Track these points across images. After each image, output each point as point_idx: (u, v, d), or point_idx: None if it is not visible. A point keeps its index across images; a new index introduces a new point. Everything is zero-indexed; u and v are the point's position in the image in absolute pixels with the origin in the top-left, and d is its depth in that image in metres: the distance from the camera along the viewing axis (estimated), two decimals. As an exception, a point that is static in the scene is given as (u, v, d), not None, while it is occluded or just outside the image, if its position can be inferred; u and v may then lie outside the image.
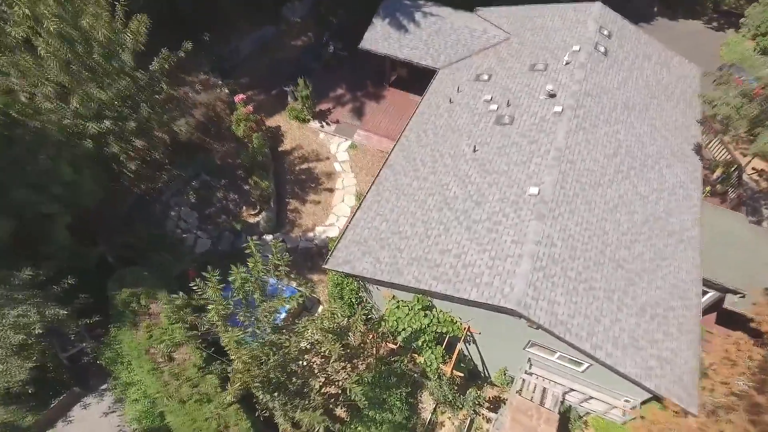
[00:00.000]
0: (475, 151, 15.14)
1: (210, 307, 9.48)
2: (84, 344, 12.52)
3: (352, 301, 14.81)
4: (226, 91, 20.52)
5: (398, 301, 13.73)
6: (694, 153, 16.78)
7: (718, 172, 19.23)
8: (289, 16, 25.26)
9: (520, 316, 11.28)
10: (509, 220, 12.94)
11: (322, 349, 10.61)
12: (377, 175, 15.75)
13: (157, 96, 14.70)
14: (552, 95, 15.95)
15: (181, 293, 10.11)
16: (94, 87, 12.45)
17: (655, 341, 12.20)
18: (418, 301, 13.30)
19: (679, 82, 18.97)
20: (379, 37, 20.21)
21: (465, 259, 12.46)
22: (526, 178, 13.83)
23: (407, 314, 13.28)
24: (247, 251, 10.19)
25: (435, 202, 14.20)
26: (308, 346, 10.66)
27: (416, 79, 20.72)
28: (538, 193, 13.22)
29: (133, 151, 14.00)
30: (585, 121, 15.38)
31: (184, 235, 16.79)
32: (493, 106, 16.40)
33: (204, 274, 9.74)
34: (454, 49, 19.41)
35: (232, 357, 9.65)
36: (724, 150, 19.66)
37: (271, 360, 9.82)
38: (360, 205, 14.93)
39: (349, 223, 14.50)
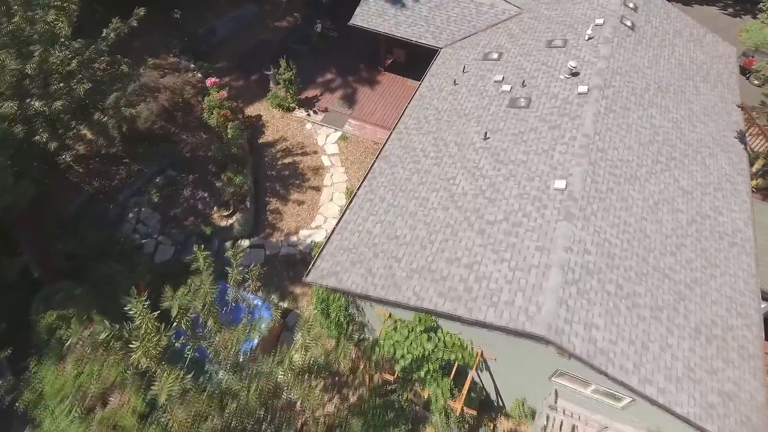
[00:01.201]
0: (486, 138, 12.73)
1: (134, 344, 6.99)
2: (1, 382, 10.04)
3: (340, 320, 12.37)
4: (199, 75, 18.04)
5: (395, 321, 11.32)
6: (738, 141, 14.42)
7: (758, 165, 16.91)
8: (272, -5, 22.80)
9: (550, 342, 8.89)
10: (531, 220, 10.54)
11: (294, 395, 8.16)
12: (370, 167, 13.32)
13: (100, 73, 12.23)
14: (575, 73, 13.57)
15: (107, 322, 7.63)
16: (11, 56, 9.96)
17: (714, 371, 9.82)
18: (419, 321, 10.88)
19: (714, 63, 16.62)
20: (373, 13, 17.77)
21: (478, 271, 10.05)
22: (549, 170, 11.44)
23: (406, 337, 10.85)
24: (195, 265, 7.72)
25: (439, 199, 11.78)
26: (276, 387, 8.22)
27: (415, 62, 18.29)
28: (566, 188, 10.84)
29: (73, 141, 11.50)
30: (615, 103, 13.01)
31: (143, 241, 14.29)
32: (506, 87, 14.00)
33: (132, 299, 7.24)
34: (458, 25, 16.99)
35: (168, 418, 7.18)
36: (764, 139, 17.36)
37: (226, 413, 7.40)
38: (349, 204, 12.49)
39: (336, 225, 12.06)
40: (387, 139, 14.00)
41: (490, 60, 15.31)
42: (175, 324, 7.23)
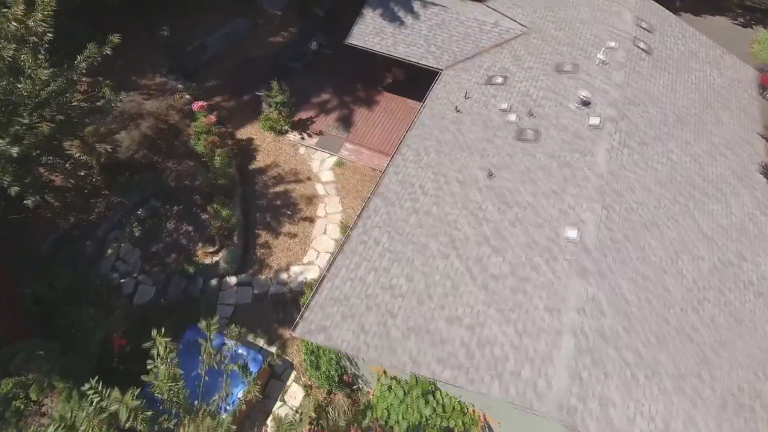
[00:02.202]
0: (490, 176, 11.75)
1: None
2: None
3: (330, 374, 11.41)
4: (187, 96, 17.07)
5: (391, 379, 10.35)
6: (762, 176, 13.40)
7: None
8: (266, 8, 21.84)
9: (561, 422, 7.93)
10: (541, 275, 9.56)
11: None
12: (364, 206, 12.34)
13: (75, 101, 11.32)
14: (586, 103, 12.60)
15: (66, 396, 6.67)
16: None
17: (743, 448, 8.85)
18: (416, 383, 9.91)
19: (734, 87, 15.61)
20: (370, 32, 16.79)
21: (481, 334, 9.07)
22: (559, 215, 10.46)
23: (402, 401, 9.89)
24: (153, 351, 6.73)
25: (439, 245, 10.80)
26: None
27: (416, 82, 17.26)
28: (578, 237, 9.85)
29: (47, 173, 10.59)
30: (630, 137, 12.03)
31: (122, 281, 13.33)
32: (512, 117, 13.02)
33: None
34: (460, 45, 16.00)
35: None
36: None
37: None
38: (341, 247, 11.52)
39: (327, 272, 11.09)
40: (383, 173, 13.02)
41: (494, 84, 14.32)
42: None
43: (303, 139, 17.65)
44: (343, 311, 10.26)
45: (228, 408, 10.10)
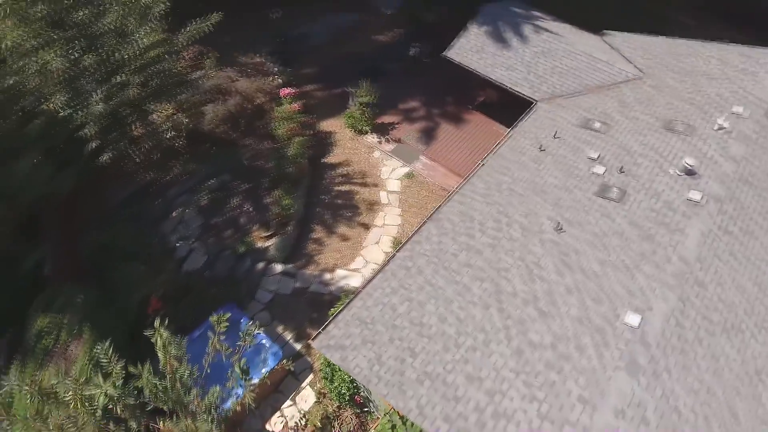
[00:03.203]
0: (558, 230, 10.70)
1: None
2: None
3: (342, 391, 11.11)
4: (280, 80, 17.50)
5: (399, 417, 9.81)
6: None
7: None
8: (378, 6, 21.85)
9: None
10: (584, 358, 8.50)
11: None
12: (418, 229, 11.82)
13: (176, 69, 11.91)
14: (690, 172, 11.05)
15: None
16: (59, 54, 9.67)
17: None
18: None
19: None
20: (471, 48, 16.09)
21: (500, 404, 8.25)
22: (625, 295, 9.24)
23: (404, 445, 9.35)
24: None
25: (482, 292, 10.02)
26: None
27: (509, 107, 16.27)
28: (639, 326, 8.63)
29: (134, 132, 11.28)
30: (734, 222, 10.36)
31: (178, 244, 13.99)
32: (599, 169, 11.78)
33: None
34: (563, 79, 14.81)
35: None
36: None
37: None
38: (383, 267, 11.11)
39: (361, 290, 10.75)
40: (446, 199, 12.39)
41: (590, 129, 13.06)
42: None
43: (380, 143, 17.43)
44: (365, 335, 9.87)
45: (234, 398, 10.18)
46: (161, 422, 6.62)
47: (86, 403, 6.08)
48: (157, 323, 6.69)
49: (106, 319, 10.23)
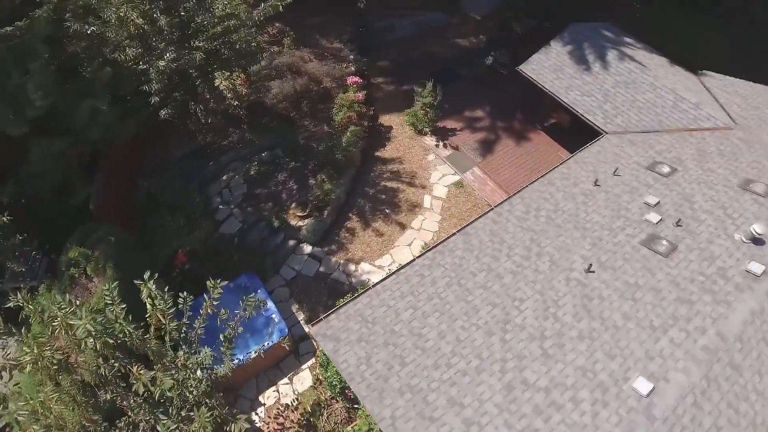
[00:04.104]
0: (589, 271, 9.93)
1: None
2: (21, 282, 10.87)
3: (333, 383, 11.10)
4: (353, 68, 17.69)
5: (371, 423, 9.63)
6: None
7: None
8: (468, 10, 21.39)
9: None
10: (577, 413, 7.84)
11: None
12: (445, 239, 11.48)
13: (255, 42, 12.42)
14: (758, 241, 9.82)
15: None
16: (138, 11, 10.33)
17: None
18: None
19: None
20: (549, 66, 15.29)
21: (474, 437, 7.83)
22: (642, 357, 8.40)
23: (374, 451, 9.16)
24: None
25: (490, 318, 9.54)
26: None
27: (580, 133, 15.21)
28: (648, 395, 7.81)
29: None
30: (798, 307, 9.04)
31: (220, 207, 14.63)
32: (653, 216, 10.76)
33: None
34: (640, 114, 13.67)
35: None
36: None
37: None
38: (399, 270, 10.91)
39: (372, 287, 10.63)
40: (482, 215, 11.92)
41: (656, 172, 11.95)
42: None
43: (437, 146, 17.12)
44: (362, 333, 9.76)
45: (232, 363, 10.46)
46: (135, 366, 6.94)
47: (70, 332, 6.51)
48: (146, 275, 6.94)
49: (134, 261, 10.88)
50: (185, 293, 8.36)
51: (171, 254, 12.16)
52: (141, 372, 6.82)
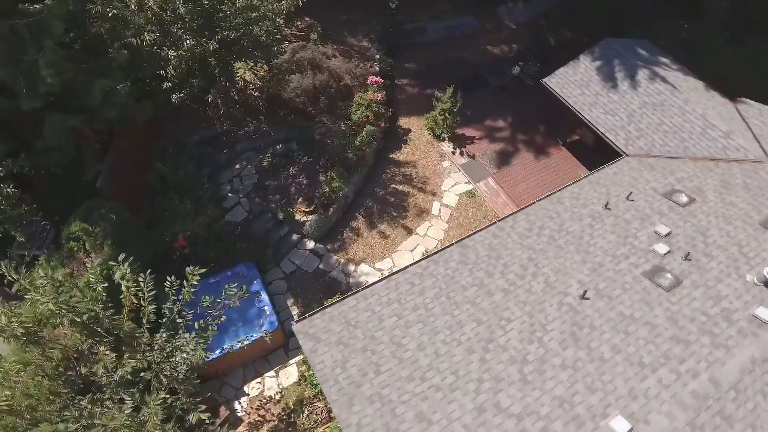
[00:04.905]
0: (583, 298, 9.51)
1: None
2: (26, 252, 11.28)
3: (314, 382, 11.05)
4: (377, 68, 17.60)
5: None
6: None
7: None
8: (503, 18, 20.95)
9: None
10: (545, 444, 7.49)
11: None
12: (441, 249, 11.24)
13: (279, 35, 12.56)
14: (771, 285, 9.14)
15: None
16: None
17: None
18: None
19: None
20: (575, 81, 14.76)
21: (435, 456, 7.60)
22: (625, 395, 7.97)
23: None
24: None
25: (474, 335, 9.27)
26: None
27: (602, 151, 14.62)
28: (624, 436, 7.39)
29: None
30: (806, 361, 8.37)
31: (229, 194, 14.81)
32: (661, 248, 10.21)
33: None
34: (665, 138, 13.01)
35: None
36: None
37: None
38: (390, 275, 10.75)
39: (360, 290, 10.51)
40: (482, 228, 11.61)
41: (673, 201, 11.34)
42: None
43: (454, 153, 16.83)
44: (342, 336, 9.66)
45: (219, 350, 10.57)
46: (101, 347, 7.08)
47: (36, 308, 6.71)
48: (122, 257, 7.06)
49: (133, 241, 11.14)
50: (172, 277, 8.50)
51: (173, 237, 12.36)
52: (106, 353, 6.94)
